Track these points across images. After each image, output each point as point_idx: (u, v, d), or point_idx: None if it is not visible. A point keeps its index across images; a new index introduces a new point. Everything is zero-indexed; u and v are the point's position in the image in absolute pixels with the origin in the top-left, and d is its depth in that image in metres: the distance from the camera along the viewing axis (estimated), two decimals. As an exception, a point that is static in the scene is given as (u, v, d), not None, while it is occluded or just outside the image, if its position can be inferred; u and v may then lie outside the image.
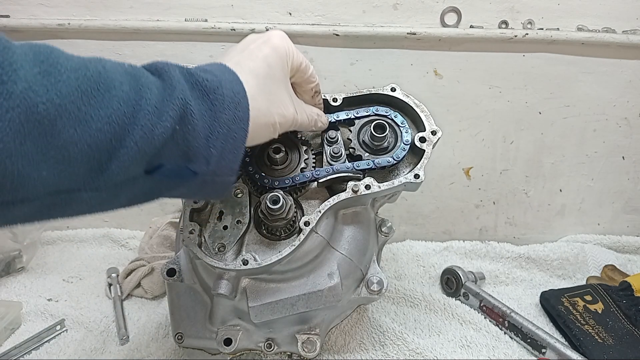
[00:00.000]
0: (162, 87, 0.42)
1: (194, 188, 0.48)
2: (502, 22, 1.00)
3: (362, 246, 0.71)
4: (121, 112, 0.38)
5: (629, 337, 0.85)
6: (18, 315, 0.89)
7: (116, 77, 0.39)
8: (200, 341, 0.75)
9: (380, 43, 1.00)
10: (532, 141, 1.12)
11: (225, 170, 0.48)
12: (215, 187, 0.49)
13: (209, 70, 0.48)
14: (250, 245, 0.66)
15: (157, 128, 0.40)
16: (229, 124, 0.46)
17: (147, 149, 0.40)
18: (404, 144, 0.68)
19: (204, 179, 0.47)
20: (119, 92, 0.38)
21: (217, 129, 0.45)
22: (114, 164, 0.38)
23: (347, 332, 0.83)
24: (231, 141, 0.47)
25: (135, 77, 0.41)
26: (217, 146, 0.46)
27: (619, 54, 1.03)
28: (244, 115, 0.48)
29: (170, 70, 0.44)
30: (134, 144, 0.39)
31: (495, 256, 1.10)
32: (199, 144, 0.44)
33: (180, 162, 0.44)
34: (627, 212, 1.20)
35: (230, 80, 0.48)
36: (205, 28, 0.97)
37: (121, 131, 0.38)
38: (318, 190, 0.70)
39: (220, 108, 0.46)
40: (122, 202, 0.44)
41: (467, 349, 0.82)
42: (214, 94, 0.46)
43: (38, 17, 0.98)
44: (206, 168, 0.46)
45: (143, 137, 0.39)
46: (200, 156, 0.45)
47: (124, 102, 0.38)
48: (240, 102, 0.48)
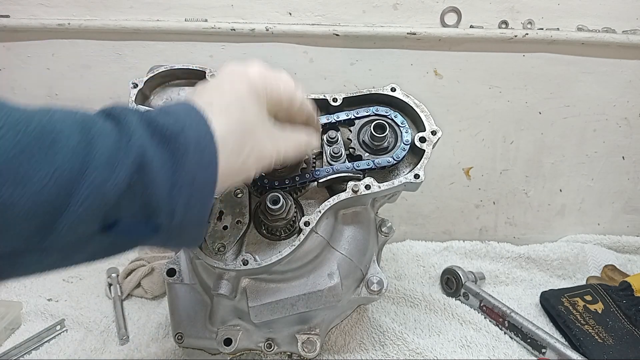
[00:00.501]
0: (117, 136, 0.39)
1: (159, 242, 0.44)
2: (502, 22, 1.00)
3: (362, 246, 0.71)
4: (67, 167, 0.34)
5: (629, 337, 0.85)
6: (18, 315, 0.89)
7: (63, 129, 0.36)
8: (200, 341, 0.75)
9: (380, 43, 1.00)
10: (532, 141, 1.12)
11: (193, 221, 0.44)
12: (183, 240, 0.45)
13: (173, 113, 0.44)
14: (250, 245, 0.66)
15: (110, 182, 0.36)
16: (194, 171, 0.42)
17: (98, 205, 0.36)
18: (404, 144, 0.68)
19: (170, 232, 0.43)
20: (65, 146, 0.35)
21: (180, 177, 0.41)
22: (61, 224, 0.35)
23: (347, 332, 0.83)
24: (197, 189, 0.43)
25: (86, 126, 0.37)
26: (182, 196, 0.41)
27: (619, 54, 1.03)
28: (211, 160, 0.44)
29: (128, 116, 0.41)
30: (83, 201, 0.35)
31: (495, 256, 1.10)
32: (161, 196, 0.40)
33: (140, 216, 0.40)
34: (627, 212, 1.20)
35: (197, 122, 0.44)
36: (205, 28, 0.97)
37: (67, 188, 0.35)
38: (318, 190, 0.70)
39: (183, 155, 0.41)
40: (79, 260, 0.41)
41: (467, 349, 0.82)
42: (176, 140, 0.42)
43: (38, 17, 0.98)
44: (170, 221, 0.41)
45: (93, 193, 0.36)
46: (163, 209, 0.41)
47: (71, 157, 0.35)
48: (207, 146, 0.44)
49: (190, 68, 0.72)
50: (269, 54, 1.01)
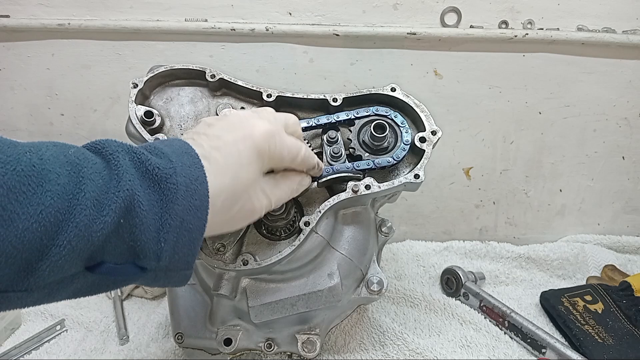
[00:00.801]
0: (107, 176, 0.39)
1: (145, 282, 0.44)
2: (502, 22, 0.99)
3: (362, 246, 0.71)
4: (54, 208, 0.34)
5: (629, 337, 0.85)
6: (18, 315, 0.89)
7: (53, 169, 0.36)
8: (200, 341, 0.75)
9: (380, 43, 1.00)
10: (532, 141, 1.12)
11: (180, 264, 0.44)
12: (170, 281, 0.45)
13: (166, 154, 0.44)
14: (250, 245, 0.66)
15: (97, 223, 0.36)
16: (182, 214, 0.42)
17: (84, 246, 0.36)
18: (404, 144, 0.68)
19: (156, 274, 0.43)
20: (53, 186, 0.35)
21: (168, 221, 0.41)
22: (45, 264, 0.35)
23: (347, 332, 0.83)
24: (185, 234, 0.42)
25: (76, 167, 0.37)
26: (169, 240, 0.41)
27: (619, 54, 1.03)
28: (201, 204, 0.44)
29: (120, 157, 0.40)
30: (68, 242, 0.35)
31: (495, 256, 1.10)
32: (148, 239, 0.40)
33: (126, 258, 0.40)
34: (627, 212, 1.20)
35: (188, 165, 0.44)
36: (205, 28, 0.97)
37: (53, 229, 0.34)
38: (318, 190, 0.70)
39: (173, 198, 0.41)
40: (63, 298, 0.40)
41: (467, 349, 0.82)
42: (166, 183, 0.41)
43: (38, 17, 0.98)
44: (157, 264, 0.41)
45: (79, 235, 0.35)
46: (150, 251, 0.40)
47: (59, 197, 0.35)
48: (198, 189, 0.43)
49: (190, 68, 0.72)
50: (269, 54, 1.01)
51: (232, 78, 0.72)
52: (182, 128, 0.71)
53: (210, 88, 0.74)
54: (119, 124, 1.05)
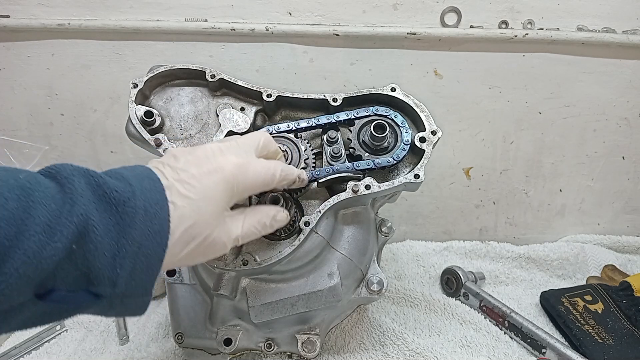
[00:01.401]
0: (60, 200, 0.37)
1: (99, 311, 0.42)
2: (502, 22, 0.99)
3: (362, 246, 0.71)
4: (2, 234, 0.33)
5: (629, 337, 0.85)
6: (18, 315, 0.89)
7: (1, 193, 0.34)
8: (200, 341, 0.75)
9: (380, 43, 1.00)
10: (532, 141, 1.12)
11: (137, 290, 0.42)
12: (126, 309, 0.43)
13: (125, 177, 0.42)
14: (250, 245, 0.66)
15: (46, 250, 0.35)
16: (140, 239, 0.40)
17: (32, 274, 0.34)
18: (404, 144, 0.68)
19: (111, 301, 0.41)
20: (1, 211, 0.34)
21: (125, 246, 0.39)
22: None
23: (347, 332, 0.83)
24: (143, 259, 0.41)
25: (27, 191, 0.36)
26: (126, 266, 0.39)
27: (619, 54, 1.03)
28: (160, 229, 0.42)
29: (75, 180, 0.39)
30: (15, 270, 0.33)
31: (495, 256, 1.10)
32: (103, 265, 0.38)
33: (80, 285, 0.38)
34: (627, 212, 1.20)
35: (149, 189, 0.43)
36: (205, 28, 0.97)
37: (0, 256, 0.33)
38: (318, 190, 0.70)
39: (130, 222, 0.40)
40: (12, 328, 0.38)
41: (467, 349, 0.82)
42: (124, 206, 0.40)
43: (38, 17, 0.98)
44: (112, 290, 0.40)
45: (27, 262, 0.34)
46: (104, 278, 0.39)
47: (7, 222, 0.33)
48: (157, 213, 0.42)
49: (190, 68, 0.72)
50: (269, 54, 1.01)
51: (232, 78, 0.72)
52: (182, 128, 0.71)
53: (210, 88, 0.74)
54: (119, 124, 1.05)
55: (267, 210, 0.56)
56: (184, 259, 0.46)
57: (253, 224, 0.54)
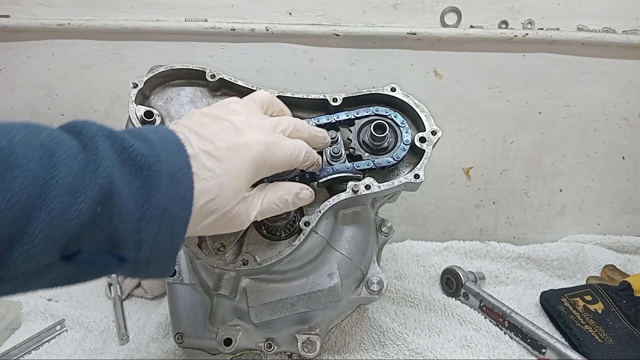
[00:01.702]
0: (84, 162, 0.36)
1: (125, 273, 0.43)
2: (502, 22, 0.99)
3: (362, 246, 0.71)
4: (25, 194, 0.32)
5: (629, 337, 0.85)
6: (18, 315, 0.89)
7: (23, 153, 0.34)
8: (200, 341, 0.75)
9: (380, 43, 1.00)
10: (532, 141, 1.12)
11: (161, 256, 0.42)
12: (150, 273, 0.43)
13: (150, 140, 0.42)
14: (250, 245, 0.66)
15: (71, 211, 0.34)
16: (165, 204, 0.40)
17: (58, 235, 0.34)
18: (404, 144, 0.68)
19: (136, 265, 0.41)
20: (23, 172, 0.33)
21: (150, 210, 0.39)
22: (16, 254, 0.33)
23: (347, 332, 0.83)
24: (167, 224, 0.41)
25: (49, 151, 0.35)
26: (150, 230, 0.39)
27: (619, 54, 1.03)
28: (185, 194, 0.42)
29: (99, 141, 0.38)
30: (40, 230, 0.33)
31: (495, 256, 1.10)
32: (128, 228, 0.38)
33: (105, 247, 0.38)
34: (627, 212, 1.20)
35: (174, 154, 0.42)
36: (205, 28, 0.97)
37: (24, 216, 0.33)
38: (318, 190, 0.70)
39: (155, 186, 0.40)
40: (37, 288, 0.39)
41: (467, 349, 0.82)
42: (149, 170, 0.40)
43: (38, 17, 0.98)
44: (137, 254, 0.40)
45: (52, 223, 0.34)
46: (129, 242, 0.39)
47: (30, 183, 0.33)
48: (182, 179, 0.42)
49: (190, 68, 0.72)
50: (269, 54, 1.01)
51: (232, 78, 0.72)
52: (182, 128, 0.71)
53: (210, 88, 0.74)
54: (119, 124, 1.04)
55: (289, 186, 0.56)
56: (202, 230, 0.46)
57: (274, 200, 0.53)
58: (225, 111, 0.52)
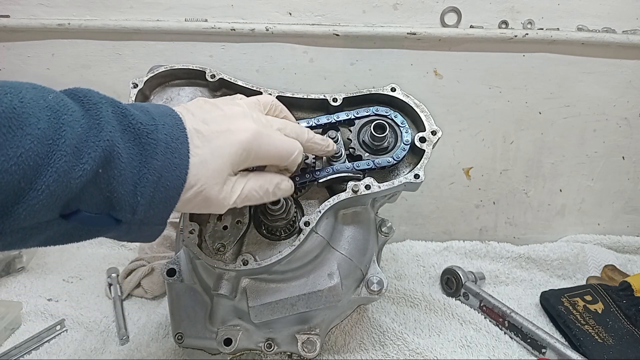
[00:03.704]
0: (87, 125, 0.39)
1: (117, 235, 0.44)
2: (502, 22, 1.00)
3: (362, 246, 0.71)
4: (34, 152, 0.34)
5: (629, 337, 0.85)
6: (18, 315, 0.89)
7: (33, 113, 0.35)
8: (200, 341, 0.75)
9: (380, 43, 1.00)
10: (532, 141, 1.12)
11: (154, 219, 0.44)
12: (142, 235, 0.46)
13: (150, 112, 0.45)
14: (250, 245, 0.66)
15: (75, 170, 0.37)
16: (161, 170, 0.42)
17: (61, 193, 0.36)
18: (404, 144, 0.68)
19: (130, 227, 0.43)
20: (33, 130, 0.35)
21: (146, 175, 0.42)
22: (21, 208, 0.35)
23: (347, 332, 0.83)
24: (162, 190, 0.43)
25: (57, 112, 0.37)
26: (146, 194, 0.42)
27: (619, 54, 1.03)
28: (180, 162, 0.44)
29: (102, 108, 0.40)
30: (46, 187, 0.35)
31: (495, 256, 1.10)
32: (125, 191, 0.40)
33: (102, 208, 0.41)
34: (627, 212, 1.20)
35: (171, 125, 0.45)
36: (205, 28, 0.97)
37: (32, 173, 0.34)
38: (318, 190, 0.70)
39: (152, 153, 0.42)
40: (35, 244, 0.40)
41: (467, 349, 0.82)
42: (147, 137, 0.42)
43: (38, 17, 0.98)
44: (131, 217, 0.42)
45: (57, 180, 0.35)
46: (126, 204, 0.41)
47: (39, 141, 0.35)
48: (178, 148, 0.44)
49: (190, 68, 0.72)
50: (269, 54, 1.01)
51: (232, 78, 0.72)
52: (182, 128, 0.71)
53: (210, 88, 0.74)
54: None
55: (271, 176, 0.56)
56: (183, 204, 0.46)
57: (255, 188, 0.53)
58: (227, 103, 0.54)
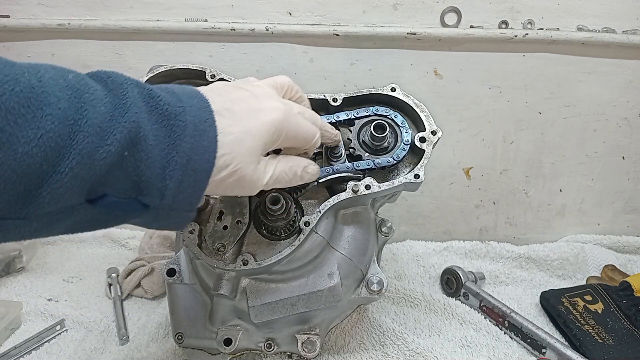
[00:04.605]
0: (111, 105, 0.37)
1: (145, 221, 0.43)
2: (502, 22, 1.00)
3: (362, 246, 0.71)
4: (55, 133, 0.33)
5: (629, 337, 0.85)
6: (18, 315, 0.89)
7: (53, 92, 0.34)
8: (200, 341, 0.75)
9: (380, 43, 1.00)
10: (532, 141, 1.12)
11: (183, 205, 0.43)
12: (170, 222, 0.44)
13: (176, 94, 0.43)
14: (250, 245, 0.66)
15: (99, 152, 0.35)
16: (189, 153, 0.41)
17: (86, 175, 0.35)
18: (404, 144, 0.68)
19: (158, 213, 0.42)
20: (54, 110, 0.33)
21: (175, 158, 0.40)
22: (45, 192, 0.34)
23: (347, 332, 0.83)
24: (191, 173, 0.41)
25: (78, 92, 0.36)
26: (175, 178, 0.40)
27: (619, 54, 1.03)
28: (209, 145, 0.43)
29: (128, 88, 0.39)
30: (70, 169, 0.34)
31: (495, 256, 1.10)
32: (153, 175, 0.39)
33: (130, 192, 0.39)
34: (627, 212, 1.20)
35: (198, 107, 0.44)
36: (205, 28, 0.97)
37: (54, 155, 0.33)
38: (318, 190, 0.70)
39: (181, 135, 0.41)
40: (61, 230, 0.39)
41: (467, 349, 0.82)
42: (175, 119, 0.41)
43: (38, 17, 0.98)
44: (160, 202, 0.41)
45: (81, 162, 0.34)
46: (154, 188, 0.40)
47: (60, 122, 0.33)
48: (206, 130, 0.43)
49: (190, 68, 0.72)
50: (269, 54, 1.01)
51: (232, 78, 0.72)
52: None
53: (210, 88, 0.74)
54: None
55: (299, 160, 0.56)
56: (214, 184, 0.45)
57: (285, 169, 0.53)
58: (247, 84, 0.53)
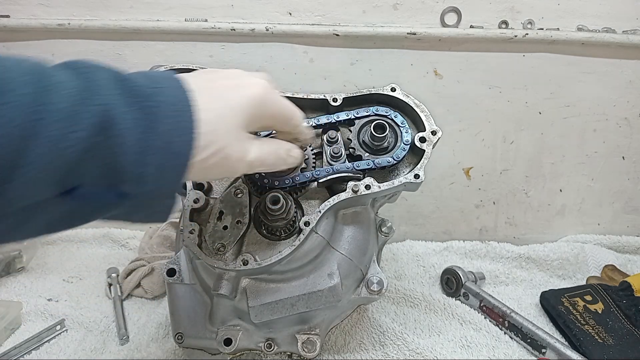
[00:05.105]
0: (78, 88, 0.35)
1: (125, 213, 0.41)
2: (502, 22, 1.00)
3: (362, 246, 0.71)
4: (17, 122, 0.31)
5: (629, 337, 0.85)
6: (18, 315, 0.89)
7: (14, 78, 0.32)
8: (200, 341, 0.75)
9: (380, 43, 1.00)
10: (532, 141, 1.12)
11: (164, 191, 0.40)
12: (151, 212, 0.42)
13: (150, 76, 0.41)
14: (250, 245, 0.66)
15: (69, 139, 0.33)
16: (167, 136, 0.38)
17: (55, 165, 0.33)
18: (404, 144, 0.68)
19: (137, 202, 0.39)
20: (15, 97, 0.31)
21: (151, 141, 0.37)
22: (12, 187, 0.31)
23: (347, 332, 0.83)
24: (172, 156, 0.39)
25: (41, 76, 0.33)
26: (153, 162, 0.37)
27: (619, 54, 1.03)
28: (187, 125, 0.40)
29: (96, 71, 0.37)
30: (37, 158, 0.31)
31: (495, 256, 1.10)
32: (130, 160, 0.36)
33: (106, 182, 0.37)
34: (627, 212, 1.20)
35: (174, 87, 0.41)
36: (205, 28, 0.97)
37: (18, 145, 0.31)
38: (318, 190, 0.70)
39: (156, 117, 0.38)
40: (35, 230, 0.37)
41: (467, 349, 0.82)
42: (149, 100, 0.38)
43: (38, 17, 0.98)
44: (140, 189, 0.38)
45: (51, 150, 0.32)
46: (132, 175, 0.37)
47: (22, 109, 0.31)
48: (184, 110, 0.40)
49: (190, 68, 0.72)
50: (269, 54, 1.01)
51: (232, 78, 0.72)
52: (182, 128, 0.71)
53: (210, 88, 0.74)
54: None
55: (283, 143, 0.55)
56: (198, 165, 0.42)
57: (270, 151, 0.52)
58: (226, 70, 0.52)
